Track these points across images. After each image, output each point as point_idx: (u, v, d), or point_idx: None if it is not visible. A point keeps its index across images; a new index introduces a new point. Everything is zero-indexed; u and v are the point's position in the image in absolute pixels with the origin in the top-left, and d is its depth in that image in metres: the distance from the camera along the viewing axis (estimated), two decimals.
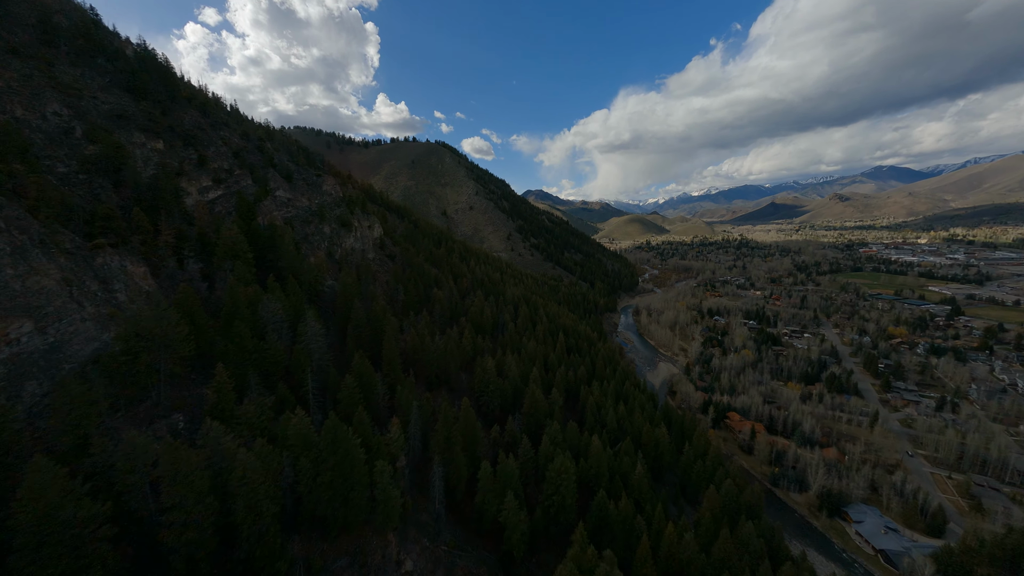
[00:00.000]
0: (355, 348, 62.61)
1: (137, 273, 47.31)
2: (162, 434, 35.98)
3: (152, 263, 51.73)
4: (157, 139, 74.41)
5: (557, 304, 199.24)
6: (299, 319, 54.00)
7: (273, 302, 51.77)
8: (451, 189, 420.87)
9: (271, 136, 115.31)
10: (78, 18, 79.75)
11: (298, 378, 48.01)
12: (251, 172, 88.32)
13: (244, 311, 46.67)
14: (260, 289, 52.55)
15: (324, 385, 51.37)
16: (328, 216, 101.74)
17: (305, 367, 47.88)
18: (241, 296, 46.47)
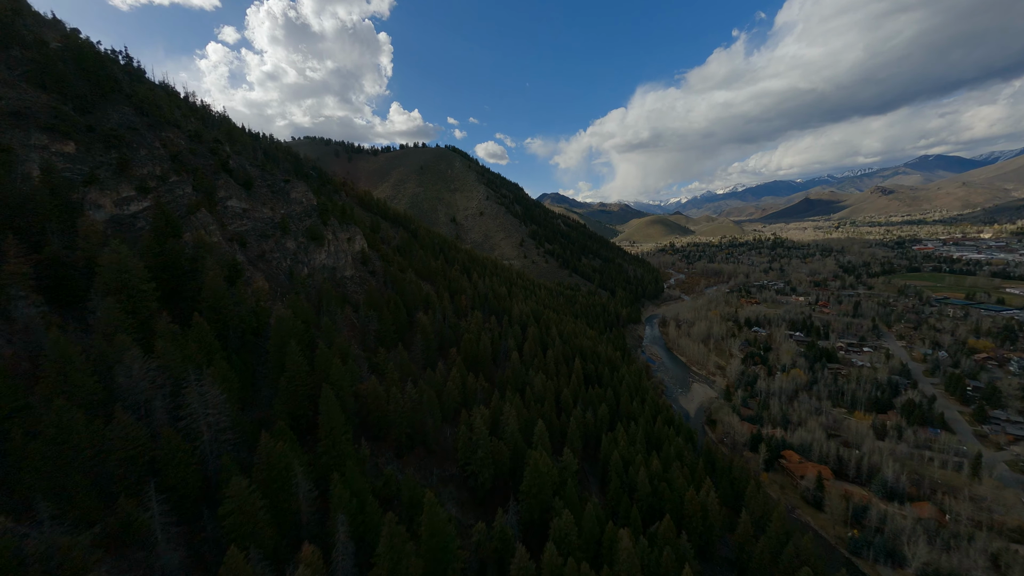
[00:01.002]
0: (286, 412, 46.46)
1: None
2: None
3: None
4: (66, 141, 61.49)
5: (574, 318, 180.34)
6: (203, 377, 38.27)
7: (146, 360, 36.16)
8: (461, 195, 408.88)
9: (233, 137, 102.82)
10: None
11: (167, 481, 31.98)
12: (195, 178, 74.89)
13: (78, 375, 31.08)
14: (129, 339, 37.08)
15: (214, 485, 35.28)
16: (293, 228, 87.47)
17: (178, 462, 31.79)
18: (70, 352, 30.91)
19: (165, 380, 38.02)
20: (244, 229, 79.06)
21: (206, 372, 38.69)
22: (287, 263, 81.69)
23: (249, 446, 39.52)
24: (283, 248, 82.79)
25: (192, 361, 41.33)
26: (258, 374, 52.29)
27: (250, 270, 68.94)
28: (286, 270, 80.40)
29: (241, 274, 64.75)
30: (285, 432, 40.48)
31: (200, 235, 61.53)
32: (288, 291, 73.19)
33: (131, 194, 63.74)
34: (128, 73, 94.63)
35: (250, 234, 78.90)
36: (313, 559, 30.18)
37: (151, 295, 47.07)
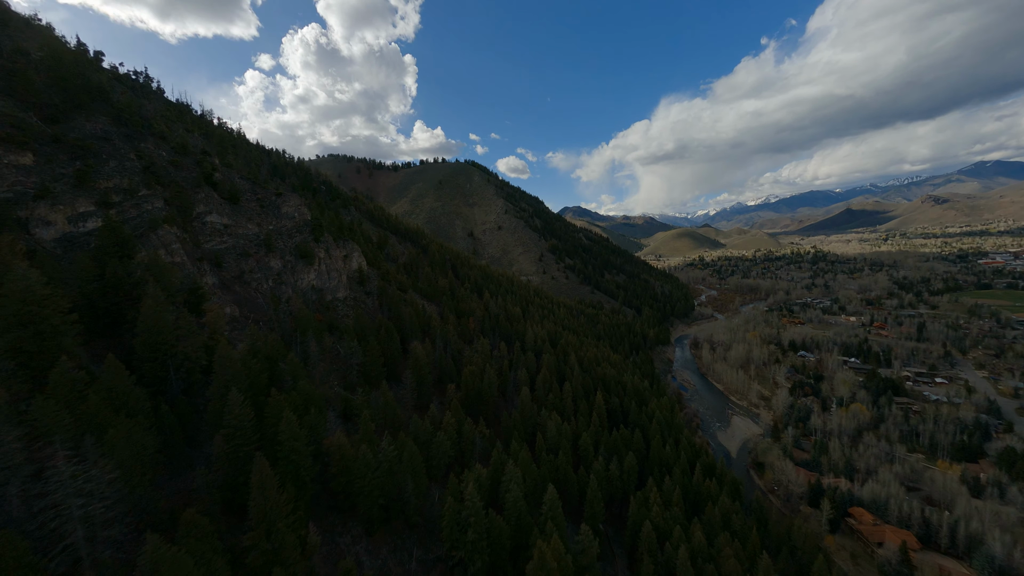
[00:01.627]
0: (219, 483, 36.50)
1: None
2: None
3: None
4: (23, 152, 56.11)
5: (596, 340, 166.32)
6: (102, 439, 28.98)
7: (10, 423, 27.04)
8: (479, 209, 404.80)
9: (226, 147, 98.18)
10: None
11: None
12: (171, 192, 68.79)
13: None
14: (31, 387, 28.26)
15: None
16: (280, 246, 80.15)
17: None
18: None
19: (38, 452, 28.80)
20: (223, 247, 72.10)
21: (89, 440, 29.21)
22: (268, 284, 73.89)
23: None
24: (266, 268, 75.27)
25: (91, 421, 32.15)
26: (202, 427, 42.99)
27: (219, 294, 61.01)
28: (267, 291, 72.52)
29: (205, 299, 56.77)
30: (200, 521, 30.27)
31: (155, 254, 54.05)
32: (267, 318, 64.78)
33: (89, 209, 57.49)
34: (132, 88, 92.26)
35: (229, 253, 71.79)
36: None
37: (67, 330, 38.93)
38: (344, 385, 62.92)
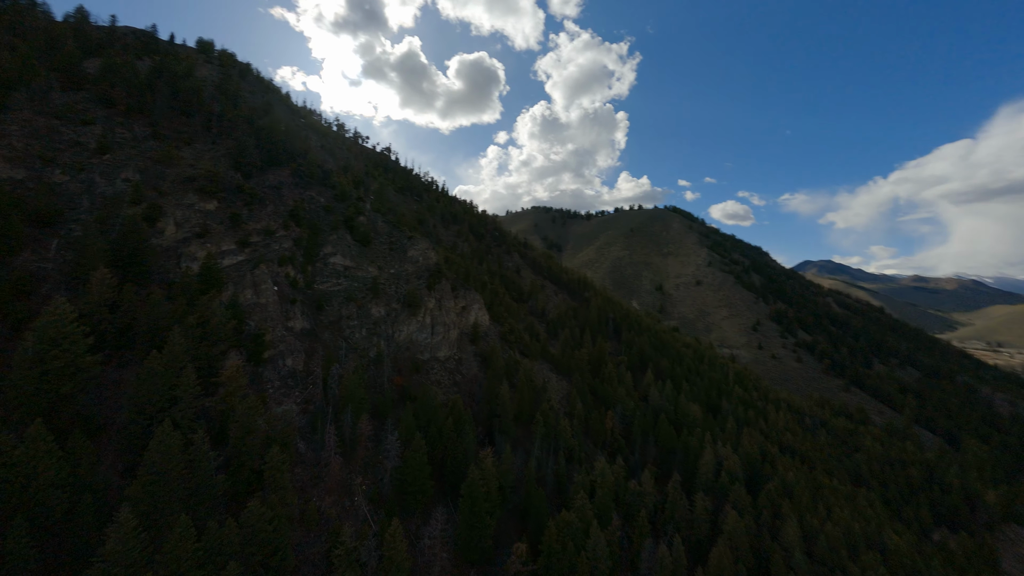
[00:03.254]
0: None
1: None
2: None
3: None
4: (210, 199, 68.60)
5: (850, 484, 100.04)
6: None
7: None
8: (674, 259, 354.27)
9: (433, 200, 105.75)
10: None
11: None
12: (309, 232, 73.57)
13: None
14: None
15: None
16: (388, 291, 75.10)
17: None
18: None
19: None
20: (336, 289, 71.51)
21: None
22: (361, 333, 68.10)
23: None
24: (366, 315, 70.43)
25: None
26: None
27: (291, 340, 56.78)
28: (358, 343, 66.51)
29: (266, 347, 52.65)
30: None
31: (237, 295, 53.55)
32: (346, 373, 56.85)
33: (230, 247, 64.31)
34: (380, 162, 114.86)
35: (337, 296, 70.36)
36: None
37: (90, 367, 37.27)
38: (370, 495, 46.37)
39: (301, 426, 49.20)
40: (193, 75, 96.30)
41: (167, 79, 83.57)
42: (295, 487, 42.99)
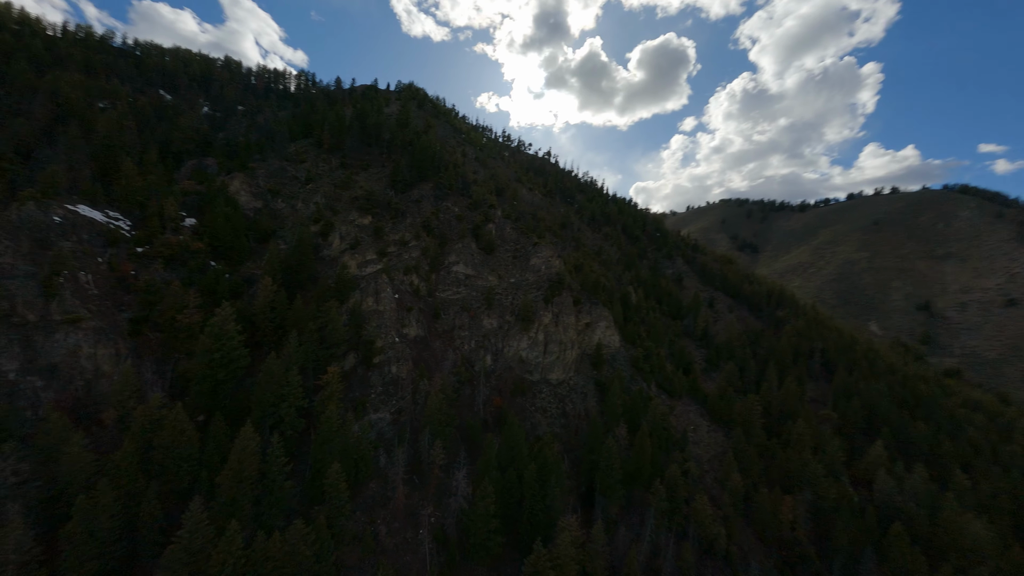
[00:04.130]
0: None
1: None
2: None
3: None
4: (366, 215, 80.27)
5: None
6: None
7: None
8: (960, 264, 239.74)
9: (510, 194, 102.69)
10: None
11: None
12: (439, 241, 77.81)
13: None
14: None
15: None
16: (503, 302, 71.76)
17: None
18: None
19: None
20: (455, 297, 72.93)
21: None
22: (470, 345, 66.93)
23: None
24: (477, 326, 69.05)
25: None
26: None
27: (400, 348, 59.68)
28: (467, 355, 65.73)
29: (377, 352, 56.56)
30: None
31: (359, 302, 59.47)
32: (433, 389, 57.29)
33: (371, 257, 73.31)
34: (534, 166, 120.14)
35: (452, 305, 71.51)
36: None
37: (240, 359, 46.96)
38: (435, 532, 43.02)
39: (389, 437, 50.41)
40: (382, 112, 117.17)
41: (358, 119, 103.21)
42: (367, 503, 43.60)
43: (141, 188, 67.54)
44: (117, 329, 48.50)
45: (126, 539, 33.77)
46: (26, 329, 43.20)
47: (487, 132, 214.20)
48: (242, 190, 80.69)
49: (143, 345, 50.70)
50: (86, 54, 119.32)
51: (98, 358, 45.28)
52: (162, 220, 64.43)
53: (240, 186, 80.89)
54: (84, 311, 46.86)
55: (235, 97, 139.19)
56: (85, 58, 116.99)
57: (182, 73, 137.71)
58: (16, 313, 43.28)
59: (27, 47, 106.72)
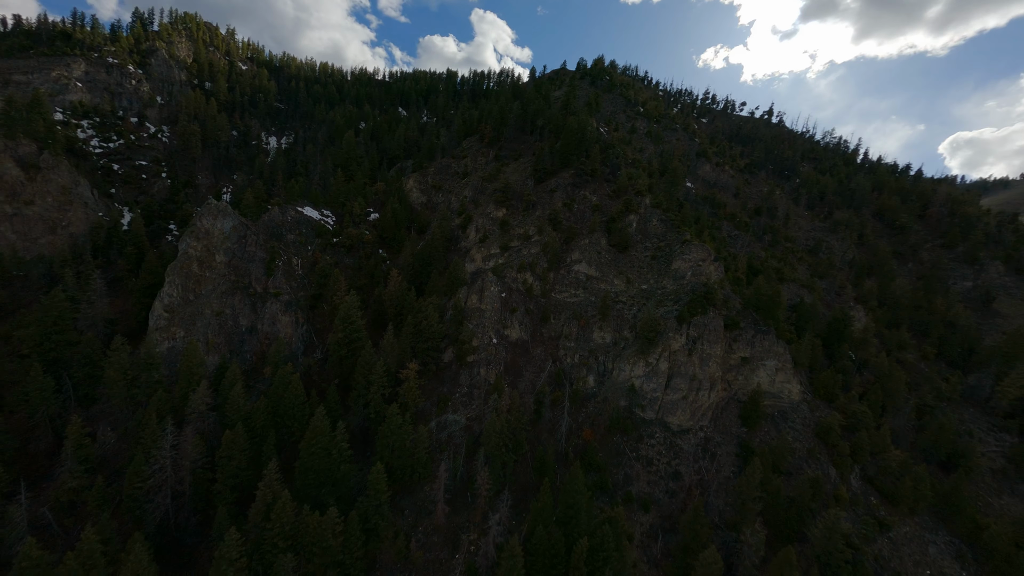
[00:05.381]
0: None
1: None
2: None
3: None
4: (500, 208, 78.83)
5: None
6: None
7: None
8: None
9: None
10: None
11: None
12: (565, 236, 69.15)
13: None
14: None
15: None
16: (620, 313, 57.49)
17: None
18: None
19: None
20: (571, 300, 63.52)
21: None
22: (571, 361, 57.03)
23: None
24: (586, 338, 58.02)
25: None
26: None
27: (494, 349, 56.14)
28: (563, 373, 56.74)
29: (469, 352, 54.84)
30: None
31: (460, 300, 58.47)
32: (500, 407, 52.22)
33: (495, 251, 71.48)
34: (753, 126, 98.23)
35: (565, 309, 62.31)
36: None
37: (360, 340, 54.12)
38: (470, 562, 38.54)
39: (458, 443, 48.45)
40: (547, 98, 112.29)
41: (517, 109, 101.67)
42: (414, 507, 43.17)
43: (344, 191, 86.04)
44: (300, 303, 63.76)
45: (250, 470, 43.78)
46: (255, 298, 61.63)
47: (684, 97, 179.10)
48: (414, 187, 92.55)
49: (317, 317, 65.11)
50: (359, 89, 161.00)
51: (283, 323, 60.74)
52: (352, 216, 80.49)
53: (413, 184, 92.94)
54: (285, 287, 63.37)
55: (446, 104, 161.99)
56: (356, 92, 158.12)
57: (412, 92, 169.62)
58: (251, 285, 62.21)
59: (324, 91, 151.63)
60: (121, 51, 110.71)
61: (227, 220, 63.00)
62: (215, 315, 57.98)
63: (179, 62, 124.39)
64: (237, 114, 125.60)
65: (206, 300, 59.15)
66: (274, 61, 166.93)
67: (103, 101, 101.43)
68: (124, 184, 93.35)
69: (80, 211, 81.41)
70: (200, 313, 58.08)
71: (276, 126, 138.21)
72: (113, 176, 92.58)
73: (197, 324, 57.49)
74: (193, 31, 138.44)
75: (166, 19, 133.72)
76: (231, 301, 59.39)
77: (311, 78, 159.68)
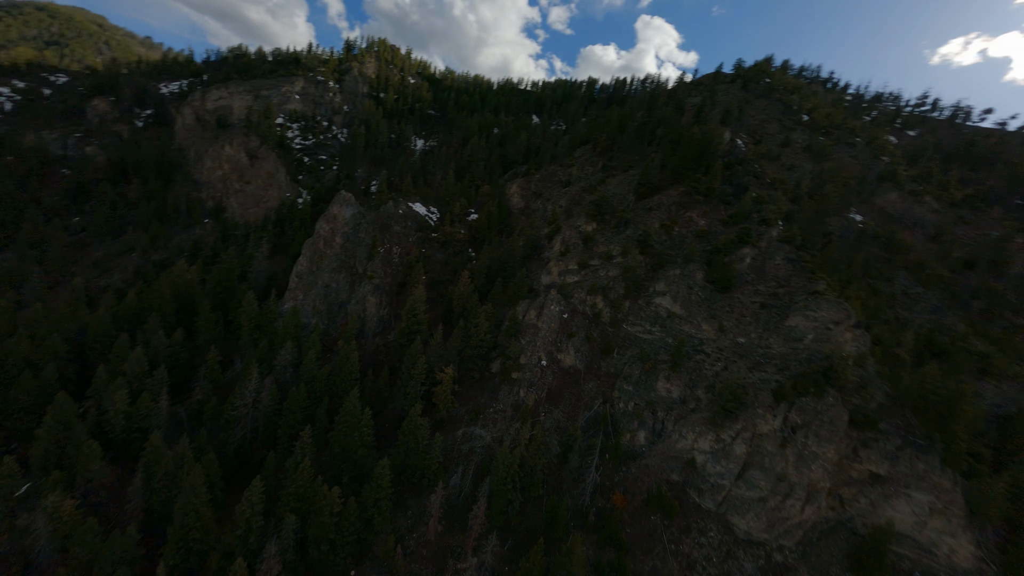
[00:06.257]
0: None
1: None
2: None
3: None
4: (591, 222, 71.77)
5: None
6: None
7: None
8: None
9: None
10: None
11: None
12: (654, 261, 58.74)
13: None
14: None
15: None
16: (697, 368, 45.21)
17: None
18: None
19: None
20: (644, 337, 53.42)
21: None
22: (627, 407, 47.71)
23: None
24: (647, 387, 47.90)
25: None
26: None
27: (539, 373, 51.03)
28: (610, 415, 48.09)
29: (512, 369, 51.11)
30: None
31: (517, 312, 54.66)
32: (503, 451, 46.83)
33: (572, 267, 65.30)
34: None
35: (634, 345, 52.63)
36: None
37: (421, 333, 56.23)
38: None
39: (477, 459, 45.50)
40: (681, 103, 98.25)
41: (641, 116, 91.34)
42: (415, 514, 42.07)
43: (452, 191, 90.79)
44: (387, 288, 69.62)
45: (303, 427, 49.35)
46: (354, 277, 69.76)
47: (885, 103, 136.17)
48: (516, 192, 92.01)
49: (399, 302, 70.21)
50: (499, 97, 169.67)
51: (370, 304, 67.12)
52: (451, 214, 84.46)
53: (516, 189, 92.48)
54: (379, 272, 70.09)
55: (577, 111, 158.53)
56: (496, 101, 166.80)
57: (547, 99, 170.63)
58: (355, 266, 70.69)
59: (470, 100, 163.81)
60: (327, 71, 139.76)
61: (349, 208, 72.76)
62: (324, 287, 67.72)
63: (365, 78, 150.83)
64: (396, 120, 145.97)
65: (321, 273, 69.56)
66: (436, 75, 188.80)
67: (309, 109, 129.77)
68: (308, 172, 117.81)
69: (275, 191, 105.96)
70: (315, 283, 68.63)
71: (426, 131, 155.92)
72: (303, 166, 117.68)
73: (312, 292, 68.14)
74: (380, 53, 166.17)
75: (363, 44, 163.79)
76: (337, 277, 68.48)
77: (461, 89, 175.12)
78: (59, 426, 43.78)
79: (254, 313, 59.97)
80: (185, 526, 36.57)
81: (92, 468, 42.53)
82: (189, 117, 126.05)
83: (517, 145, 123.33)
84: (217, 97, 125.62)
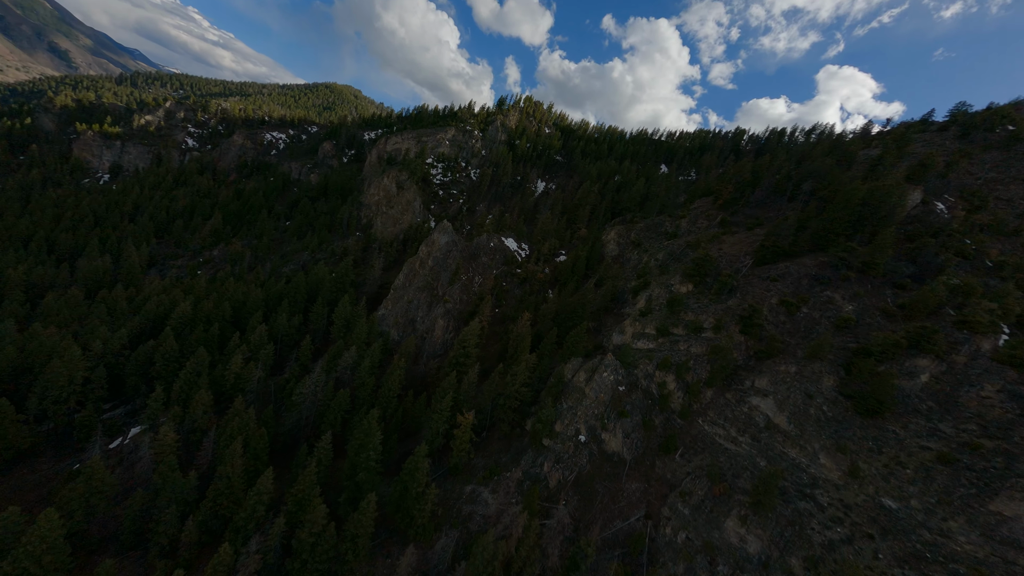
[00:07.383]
0: None
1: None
2: None
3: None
4: (688, 282, 58.08)
5: None
6: None
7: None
8: None
9: None
10: None
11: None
12: (759, 349, 42.70)
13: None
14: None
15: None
16: (791, 514, 28.54)
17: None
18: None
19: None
20: (722, 445, 38.05)
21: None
22: (676, 534, 33.48)
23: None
24: (708, 518, 32.83)
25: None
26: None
27: (571, 449, 40.84)
28: (646, 537, 34.53)
29: (548, 435, 42.34)
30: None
31: (564, 370, 45.55)
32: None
33: (650, 332, 52.79)
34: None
35: (705, 451, 37.66)
36: None
37: (468, 365, 53.06)
38: None
39: (473, 529, 37.87)
40: (851, 155, 75.28)
41: (784, 168, 73.00)
42: (395, 549, 36.83)
43: (545, 231, 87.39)
44: (458, 314, 68.97)
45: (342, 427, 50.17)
46: (433, 299, 71.72)
47: None
48: (613, 239, 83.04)
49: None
50: (627, 147, 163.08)
51: (439, 326, 67.25)
52: (539, 253, 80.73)
53: (614, 235, 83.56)
54: (456, 298, 70.44)
55: (711, 162, 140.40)
56: (624, 150, 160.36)
57: (681, 149, 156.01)
58: (436, 290, 72.82)
59: (596, 148, 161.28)
60: (475, 122, 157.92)
61: (445, 236, 76.51)
62: (407, 302, 71.51)
63: (506, 128, 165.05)
64: (523, 163, 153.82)
65: (409, 290, 73.95)
66: (572, 126, 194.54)
67: (453, 152, 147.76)
68: (440, 203, 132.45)
69: (410, 215, 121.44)
70: (402, 298, 73.19)
71: (549, 175, 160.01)
72: (437, 197, 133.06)
73: (398, 305, 72.79)
74: (524, 107, 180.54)
75: (512, 100, 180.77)
76: (419, 296, 71.60)
77: (590, 138, 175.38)
78: (192, 374, 54.72)
79: (347, 313, 66.56)
80: (216, 490, 39.71)
81: (197, 414, 51.38)
82: (374, 156, 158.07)
83: (632, 193, 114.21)
84: (394, 142, 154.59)
